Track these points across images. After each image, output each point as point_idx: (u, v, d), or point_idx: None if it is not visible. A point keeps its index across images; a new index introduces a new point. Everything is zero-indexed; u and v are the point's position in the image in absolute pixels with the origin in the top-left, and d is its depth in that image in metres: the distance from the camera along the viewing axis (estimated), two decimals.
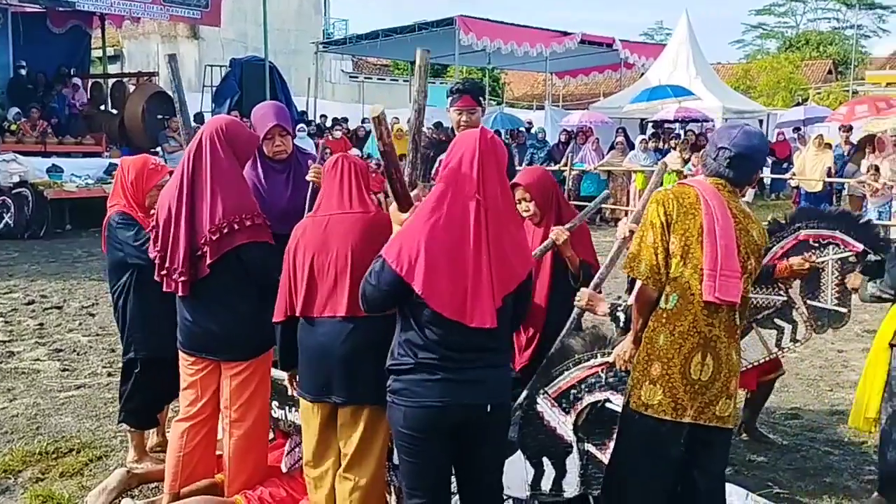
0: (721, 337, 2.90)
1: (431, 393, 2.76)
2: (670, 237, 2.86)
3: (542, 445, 3.44)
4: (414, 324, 2.78)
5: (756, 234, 2.98)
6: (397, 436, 2.88)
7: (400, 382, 2.82)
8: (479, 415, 2.81)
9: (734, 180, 2.97)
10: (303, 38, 29.35)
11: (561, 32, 21.27)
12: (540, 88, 33.65)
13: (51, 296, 8.52)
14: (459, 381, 2.77)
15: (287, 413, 3.93)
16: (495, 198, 2.80)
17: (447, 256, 2.71)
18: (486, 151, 2.80)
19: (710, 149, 3.02)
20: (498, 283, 2.76)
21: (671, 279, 2.87)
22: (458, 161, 2.80)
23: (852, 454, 4.64)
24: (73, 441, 4.67)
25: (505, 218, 2.83)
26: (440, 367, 2.76)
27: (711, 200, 2.88)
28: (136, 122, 14.91)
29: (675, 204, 2.88)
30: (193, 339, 3.66)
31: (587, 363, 3.40)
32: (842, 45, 45.91)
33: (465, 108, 4.48)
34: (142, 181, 4.11)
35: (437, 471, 2.89)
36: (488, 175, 2.78)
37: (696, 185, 2.95)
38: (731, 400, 2.97)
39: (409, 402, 2.78)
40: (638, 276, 2.89)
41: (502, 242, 2.79)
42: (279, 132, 4.16)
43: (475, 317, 2.71)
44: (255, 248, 3.51)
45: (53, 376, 5.89)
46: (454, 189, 2.77)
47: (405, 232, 2.82)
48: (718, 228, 2.84)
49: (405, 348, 2.81)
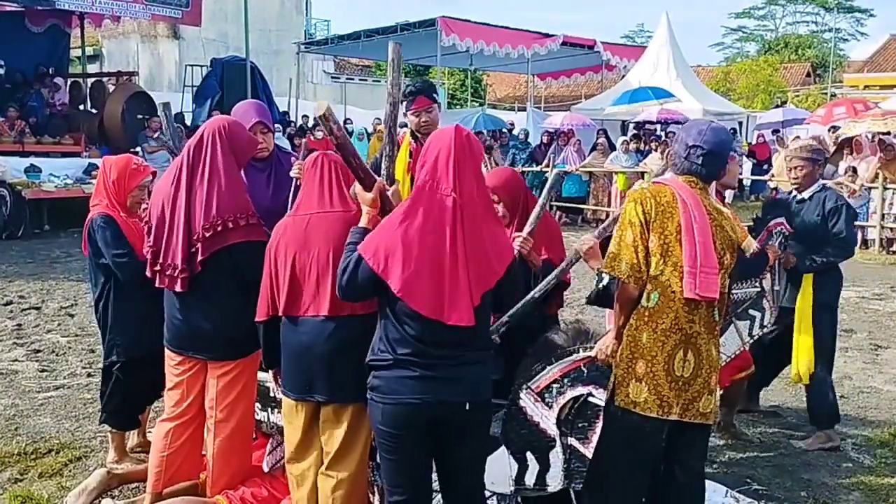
0: (701, 333, 2.93)
1: (409, 390, 2.76)
2: (650, 236, 2.88)
3: (525, 440, 3.45)
4: (393, 320, 2.80)
5: (729, 229, 3.03)
6: (376, 432, 2.89)
7: (378, 379, 2.83)
8: (458, 412, 2.81)
9: (706, 177, 3.03)
10: (284, 38, 29.29)
11: (543, 34, 21.35)
12: (522, 90, 33.74)
13: (29, 296, 8.44)
14: (437, 379, 2.77)
15: (269, 415, 3.91)
16: (471, 195, 2.81)
17: (424, 255, 2.73)
18: (461, 149, 2.81)
19: (680, 148, 3.04)
20: (476, 280, 2.77)
21: (652, 277, 2.89)
22: (434, 159, 2.81)
23: (829, 451, 4.67)
24: (53, 442, 4.62)
25: (482, 215, 2.84)
26: (418, 363, 2.76)
27: (687, 199, 2.91)
28: (116, 122, 14.80)
29: (653, 203, 2.90)
30: (182, 337, 3.63)
31: (569, 358, 3.41)
32: (820, 49, 46.39)
33: (423, 108, 4.50)
34: (124, 181, 4.08)
35: (416, 468, 2.90)
36: (464, 172, 2.79)
37: (671, 184, 2.98)
38: (712, 396, 3.00)
39: (386, 399, 2.79)
40: (619, 274, 2.90)
41: (480, 240, 2.80)
42: (260, 129, 4.15)
43: (453, 315, 2.72)
44: (247, 248, 3.49)
45: (32, 377, 5.83)
46: (430, 187, 2.78)
47: (382, 229, 2.84)
48: (696, 226, 2.87)
49: (384, 344, 2.82)
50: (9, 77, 15.56)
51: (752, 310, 4.21)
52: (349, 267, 2.83)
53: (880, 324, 7.96)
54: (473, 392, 2.84)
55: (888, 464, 4.51)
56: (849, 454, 4.64)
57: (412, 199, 2.80)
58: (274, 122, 17.71)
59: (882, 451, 4.68)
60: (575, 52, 23.15)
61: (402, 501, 2.89)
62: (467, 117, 19.25)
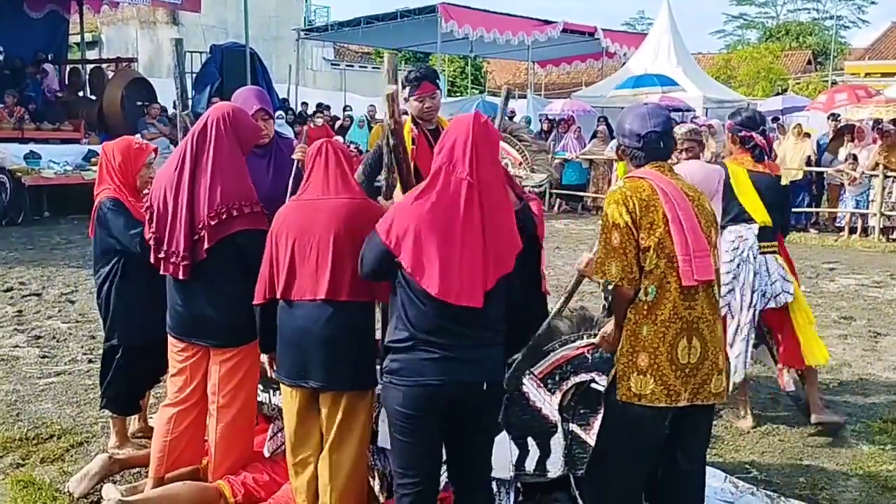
0: (705, 316, 2.92)
1: (430, 371, 2.78)
2: (639, 234, 2.86)
3: (527, 425, 3.46)
4: (412, 297, 2.81)
5: (707, 204, 3.05)
6: (394, 415, 2.88)
7: (398, 362, 2.84)
8: (476, 393, 2.84)
9: (666, 156, 3.06)
10: (284, 24, 29.15)
11: (543, 21, 21.24)
12: (522, 77, 33.61)
13: (29, 283, 8.44)
14: (457, 360, 2.79)
15: (271, 396, 3.93)
16: (488, 181, 2.83)
17: (437, 234, 2.75)
18: (480, 135, 2.83)
19: (631, 140, 3.02)
20: (493, 263, 2.80)
21: (647, 272, 2.86)
22: (452, 144, 2.83)
23: (828, 437, 4.69)
24: (54, 427, 4.63)
25: (498, 201, 2.86)
26: (437, 343, 2.79)
27: (665, 187, 2.91)
28: (115, 108, 14.75)
29: (635, 200, 2.87)
30: (185, 324, 3.64)
31: (573, 344, 3.43)
32: (821, 36, 46.22)
33: (427, 94, 4.43)
34: (129, 162, 4.08)
35: (431, 449, 2.92)
36: (482, 158, 2.82)
37: (646, 176, 2.96)
38: (722, 375, 3.00)
39: (407, 382, 2.81)
40: (610, 278, 2.87)
41: (497, 225, 2.82)
42: (261, 116, 4.14)
43: (462, 296, 2.74)
44: (252, 236, 3.49)
45: (33, 363, 5.84)
46: (447, 170, 2.80)
47: (398, 208, 2.88)
48: (681, 213, 2.87)
49: (403, 322, 2.84)
50: (8, 63, 15.48)
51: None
52: (366, 244, 2.90)
53: (880, 311, 7.97)
54: (490, 372, 2.88)
55: (886, 450, 4.52)
56: (848, 441, 4.66)
57: (429, 182, 2.83)
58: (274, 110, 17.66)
59: (881, 437, 4.70)
60: (575, 40, 23.04)
61: (413, 484, 2.89)
62: (467, 104, 19.19)
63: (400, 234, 2.76)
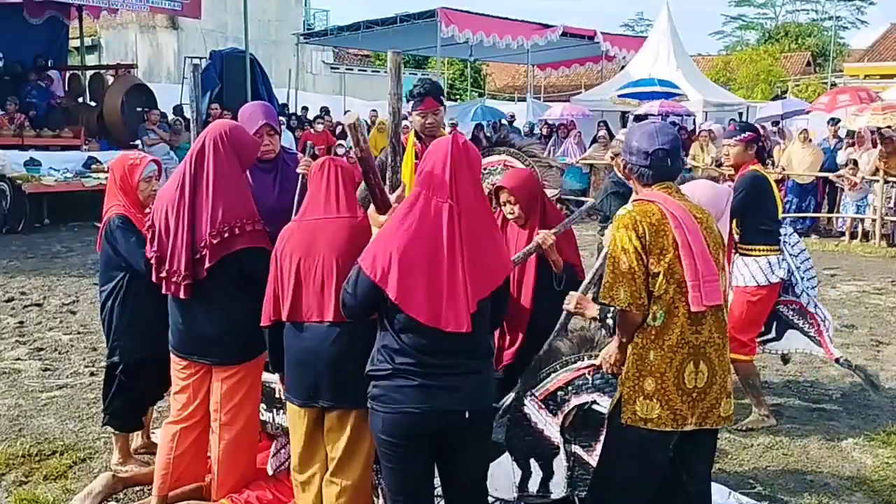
0: (713, 339, 2.92)
1: (408, 399, 2.78)
2: (648, 259, 2.85)
3: (529, 447, 3.47)
4: (391, 329, 2.81)
5: (714, 226, 3.03)
6: (377, 441, 2.90)
7: (379, 388, 2.84)
8: (458, 421, 2.82)
9: (673, 176, 3.05)
10: (283, 28, 29.17)
11: (542, 25, 21.25)
12: (521, 80, 33.64)
13: (30, 293, 8.43)
14: (437, 388, 2.78)
15: (274, 416, 3.92)
16: (468, 202, 2.81)
17: (421, 261, 2.74)
18: (459, 156, 2.82)
19: (638, 158, 2.98)
20: (473, 287, 2.78)
21: (656, 298, 2.85)
22: (431, 167, 2.82)
23: (831, 451, 4.70)
24: (57, 443, 4.63)
25: (480, 223, 2.85)
26: (418, 372, 2.78)
27: (675, 211, 2.89)
28: (115, 114, 14.73)
29: (645, 225, 2.85)
30: (187, 342, 3.65)
31: (574, 365, 3.43)
32: (820, 37, 46.21)
33: (430, 109, 4.49)
34: (127, 179, 4.09)
35: (418, 476, 2.91)
36: (461, 180, 2.81)
37: (654, 200, 2.93)
38: (730, 398, 3.01)
39: (387, 409, 2.81)
40: (619, 304, 2.85)
41: (477, 247, 2.81)
42: (268, 131, 4.15)
43: (450, 321, 2.74)
44: (253, 254, 3.50)
45: (35, 376, 5.83)
46: (426, 194, 2.80)
47: (379, 238, 2.87)
48: (690, 237, 2.86)
49: (383, 354, 2.84)
50: (8, 69, 15.50)
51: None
52: (350, 280, 2.87)
53: (881, 319, 7.95)
54: (473, 400, 2.85)
55: (890, 464, 4.52)
56: (851, 454, 4.65)
57: (408, 208, 2.82)
58: None
59: (883, 451, 4.69)
60: (575, 43, 23.06)
61: None
62: (466, 109, 19.20)
63: (385, 266, 2.74)
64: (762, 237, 4.88)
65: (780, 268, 4.86)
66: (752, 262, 4.87)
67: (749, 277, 4.86)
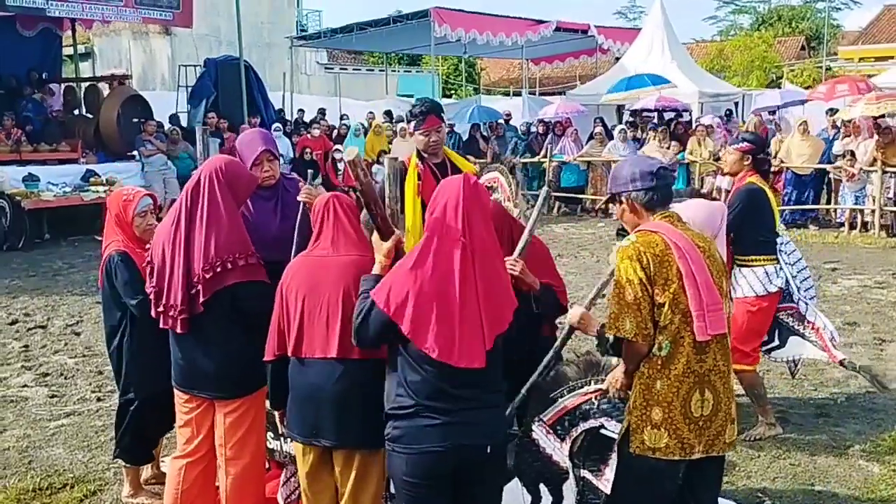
0: (717, 367, 2.94)
1: (432, 438, 2.79)
2: (654, 290, 2.87)
3: (538, 472, 3.48)
4: (412, 363, 2.82)
5: (716, 251, 3.06)
6: (399, 483, 2.90)
7: (399, 429, 2.84)
8: (478, 456, 2.85)
9: (672, 197, 3.12)
10: (276, 30, 29.15)
11: (536, 21, 21.20)
12: (516, 72, 33.61)
13: (34, 314, 8.45)
14: (459, 424, 2.80)
15: (282, 444, 3.94)
16: (481, 239, 2.85)
17: (435, 298, 2.77)
18: (470, 197, 2.86)
19: (644, 181, 3.01)
20: (489, 323, 2.81)
21: (662, 328, 2.87)
22: (443, 209, 2.85)
23: (838, 460, 4.71)
24: (67, 475, 4.64)
25: (492, 260, 2.89)
26: (439, 409, 2.79)
27: (678, 241, 2.92)
28: (112, 126, 14.73)
29: (649, 256, 2.87)
30: (187, 377, 3.66)
31: (581, 390, 3.43)
32: (814, 20, 46.10)
33: (433, 127, 4.53)
34: (122, 215, 4.11)
35: None
36: (474, 219, 2.84)
37: (657, 230, 2.96)
38: (735, 424, 3.03)
39: (410, 450, 2.81)
40: (625, 334, 2.87)
41: (491, 284, 2.84)
42: (268, 157, 4.17)
43: (463, 357, 2.76)
44: (248, 288, 3.51)
45: (42, 403, 5.85)
46: (440, 235, 2.82)
47: (394, 275, 2.89)
48: (694, 267, 2.88)
49: (404, 389, 2.84)
50: (2, 83, 15.46)
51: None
52: (363, 313, 2.88)
53: (883, 315, 7.95)
54: (493, 434, 2.89)
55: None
56: (858, 463, 4.67)
57: (423, 246, 2.84)
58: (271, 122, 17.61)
59: (891, 458, 4.70)
60: (569, 37, 23.02)
61: None
62: (463, 109, 19.17)
63: (399, 301, 2.77)
64: (759, 248, 4.90)
65: (778, 277, 4.87)
66: (750, 273, 4.89)
67: (748, 288, 4.87)
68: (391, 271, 2.94)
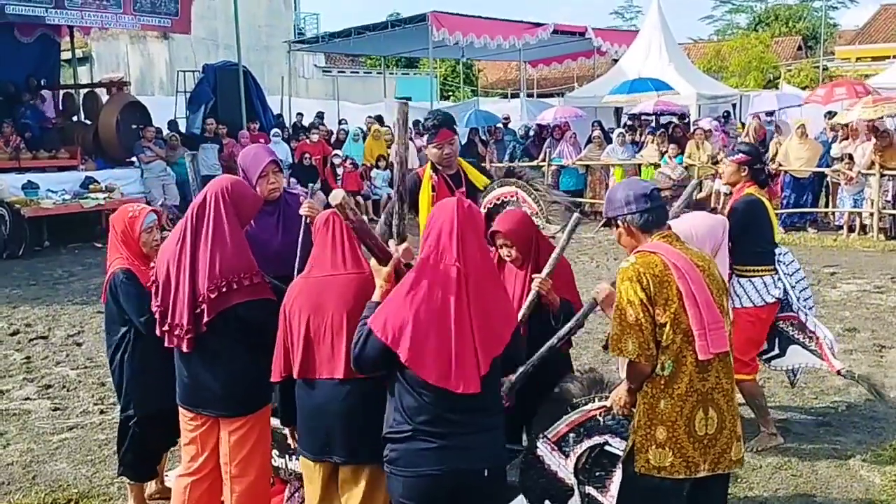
0: (720, 385, 2.97)
1: (428, 461, 2.82)
2: (655, 310, 2.89)
3: (543, 489, 3.51)
4: (409, 388, 2.85)
5: (716, 270, 3.09)
6: None
7: (396, 452, 2.88)
8: (476, 480, 2.87)
9: (665, 222, 3.13)
10: (274, 34, 29.16)
11: (533, 24, 21.21)
12: (514, 73, 33.67)
13: (35, 324, 8.45)
14: (456, 448, 2.83)
15: (287, 462, 3.95)
16: (475, 263, 2.88)
17: (431, 324, 2.80)
18: (464, 221, 2.89)
19: (639, 203, 3.06)
20: (484, 348, 2.84)
21: (664, 348, 2.90)
22: (438, 232, 2.88)
23: (839, 470, 4.73)
24: (71, 490, 4.66)
25: (487, 283, 2.92)
26: (436, 433, 2.82)
27: (677, 261, 2.94)
28: (111, 133, 14.71)
29: (649, 277, 2.90)
30: (192, 395, 3.68)
31: (585, 407, 3.46)
32: (811, 19, 46.13)
33: (446, 140, 4.60)
34: (128, 231, 4.12)
35: None
36: (467, 242, 2.87)
37: (656, 251, 2.98)
38: (740, 442, 3.05)
39: (406, 472, 2.85)
40: (628, 355, 2.90)
41: (486, 308, 2.87)
42: (273, 169, 4.20)
43: (460, 383, 2.79)
44: (253, 307, 3.53)
45: (45, 417, 5.86)
46: (434, 259, 2.85)
47: (390, 302, 2.92)
48: (693, 287, 2.90)
49: (401, 414, 2.87)
50: (1, 90, 15.43)
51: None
52: (360, 341, 2.91)
53: (883, 321, 7.96)
54: (491, 458, 2.91)
55: None
56: (859, 473, 4.69)
57: (417, 272, 2.88)
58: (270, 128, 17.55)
59: (892, 468, 4.72)
60: (566, 40, 23.06)
61: None
62: (461, 112, 19.19)
63: (396, 329, 2.79)
64: (758, 259, 4.93)
65: (776, 287, 4.91)
66: (748, 283, 4.92)
67: (746, 298, 4.90)
68: (387, 298, 2.97)
